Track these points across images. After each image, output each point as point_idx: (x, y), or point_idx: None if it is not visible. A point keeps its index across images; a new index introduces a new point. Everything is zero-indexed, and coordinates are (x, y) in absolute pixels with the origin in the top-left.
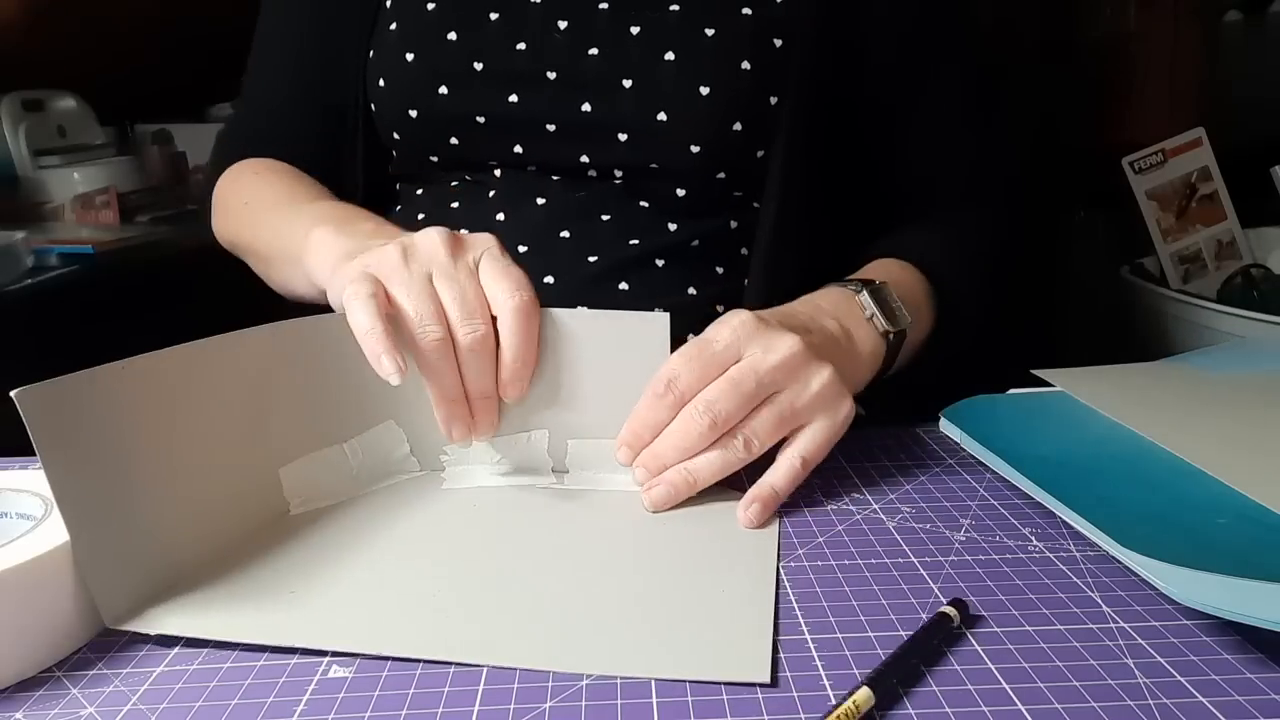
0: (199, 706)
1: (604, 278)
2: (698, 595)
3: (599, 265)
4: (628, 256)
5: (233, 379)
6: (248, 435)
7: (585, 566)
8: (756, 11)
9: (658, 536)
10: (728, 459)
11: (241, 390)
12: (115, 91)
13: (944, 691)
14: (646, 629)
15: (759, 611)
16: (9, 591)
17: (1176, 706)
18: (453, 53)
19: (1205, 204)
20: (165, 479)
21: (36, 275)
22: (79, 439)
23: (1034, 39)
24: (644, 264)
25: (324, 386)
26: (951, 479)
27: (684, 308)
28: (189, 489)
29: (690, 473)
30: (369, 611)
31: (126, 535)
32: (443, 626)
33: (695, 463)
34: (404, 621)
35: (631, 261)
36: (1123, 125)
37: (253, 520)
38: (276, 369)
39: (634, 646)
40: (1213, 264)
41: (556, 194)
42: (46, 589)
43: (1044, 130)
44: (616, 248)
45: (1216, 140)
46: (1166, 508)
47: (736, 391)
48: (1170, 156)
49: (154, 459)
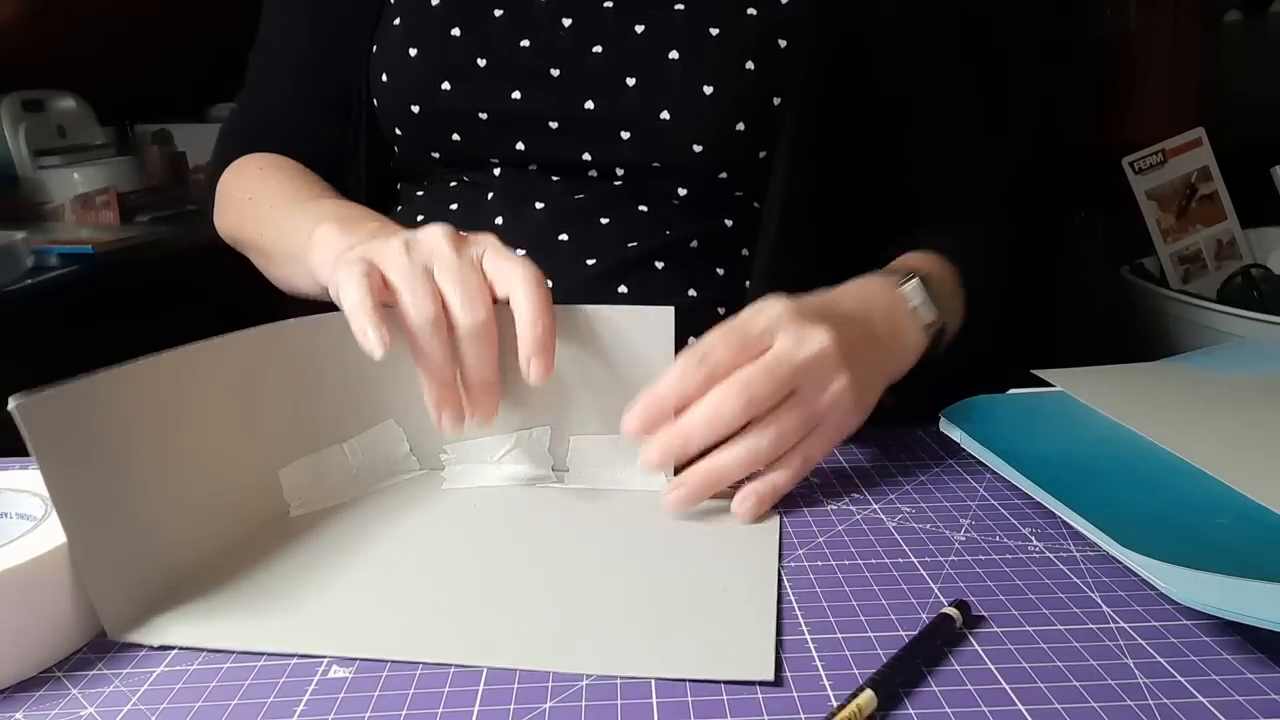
0: (199, 706)
1: (603, 280)
2: (699, 594)
3: (598, 267)
4: (627, 258)
5: (231, 381)
6: (247, 437)
7: (586, 566)
8: (762, 12)
9: (659, 535)
10: (755, 452)
11: (240, 392)
12: (115, 91)
13: (944, 691)
14: (648, 628)
15: (761, 609)
16: (9, 592)
17: (1176, 706)
18: (456, 49)
19: (1205, 204)
20: (165, 484)
21: (36, 275)
22: (77, 447)
23: (1034, 39)
24: (643, 265)
25: (323, 386)
26: (951, 479)
27: (684, 310)
28: (189, 493)
29: (714, 471)
30: (370, 615)
31: (127, 543)
32: (443, 628)
33: (719, 460)
34: (405, 624)
35: (630, 263)
36: (1123, 125)
37: (253, 523)
38: (275, 370)
39: (636, 646)
40: (1213, 264)
41: (555, 196)
42: (47, 589)
43: (1044, 130)
44: (615, 249)
45: (1216, 140)
46: (1166, 508)
47: (771, 377)
48: (1170, 156)
49: (153, 464)
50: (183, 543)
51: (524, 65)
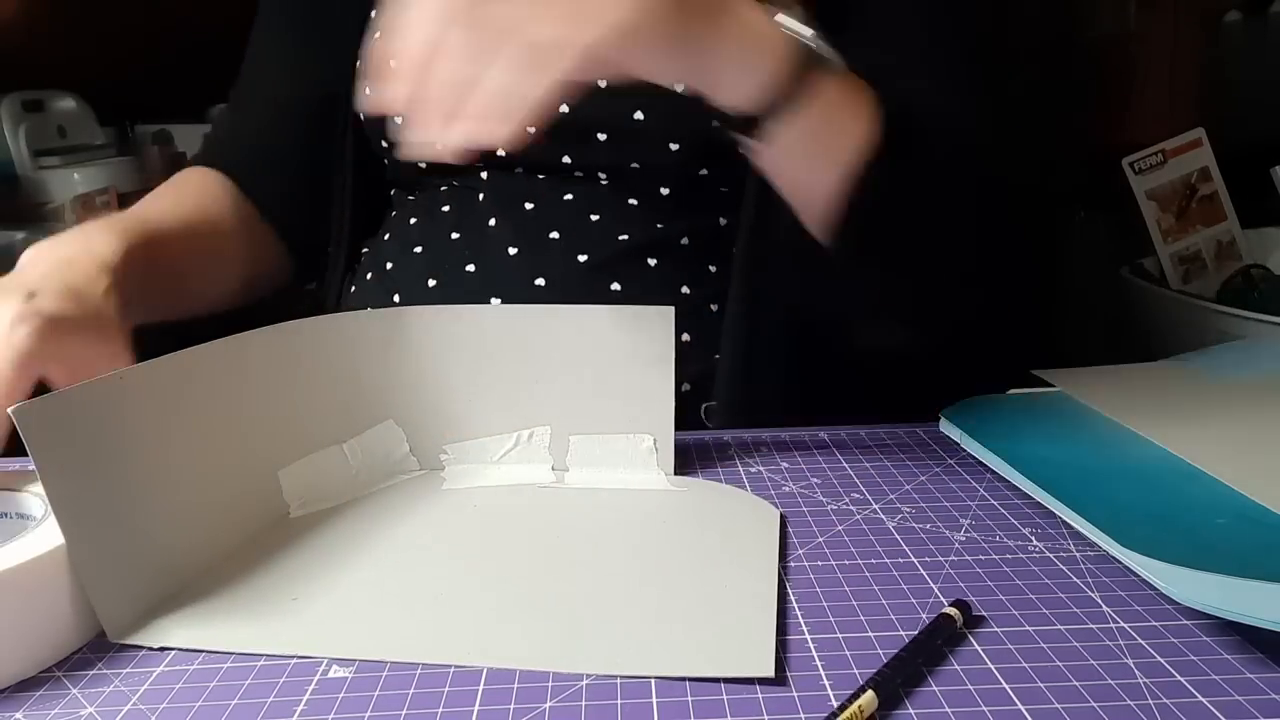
0: (199, 706)
1: (595, 277)
2: (700, 593)
3: (589, 263)
4: (617, 251)
5: (229, 383)
6: (246, 439)
7: (587, 566)
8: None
9: (659, 534)
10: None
11: (239, 394)
12: (115, 91)
13: (944, 691)
14: (650, 627)
15: (761, 606)
16: (9, 592)
17: (1176, 706)
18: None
19: (1205, 204)
20: (164, 487)
21: None
22: (76, 453)
23: (1034, 39)
24: (635, 261)
25: (323, 386)
26: (951, 479)
27: (680, 306)
28: (188, 496)
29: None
30: (371, 616)
31: (127, 547)
32: (444, 628)
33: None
34: (406, 625)
35: (621, 257)
36: (1123, 125)
37: (253, 525)
38: (274, 371)
39: (637, 645)
40: (1213, 264)
41: (544, 195)
42: (47, 589)
43: (1044, 130)
44: (607, 244)
45: (1216, 140)
46: (1166, 508)
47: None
48: (1170, 156)
49: (152, 468)
50: (183, 546)
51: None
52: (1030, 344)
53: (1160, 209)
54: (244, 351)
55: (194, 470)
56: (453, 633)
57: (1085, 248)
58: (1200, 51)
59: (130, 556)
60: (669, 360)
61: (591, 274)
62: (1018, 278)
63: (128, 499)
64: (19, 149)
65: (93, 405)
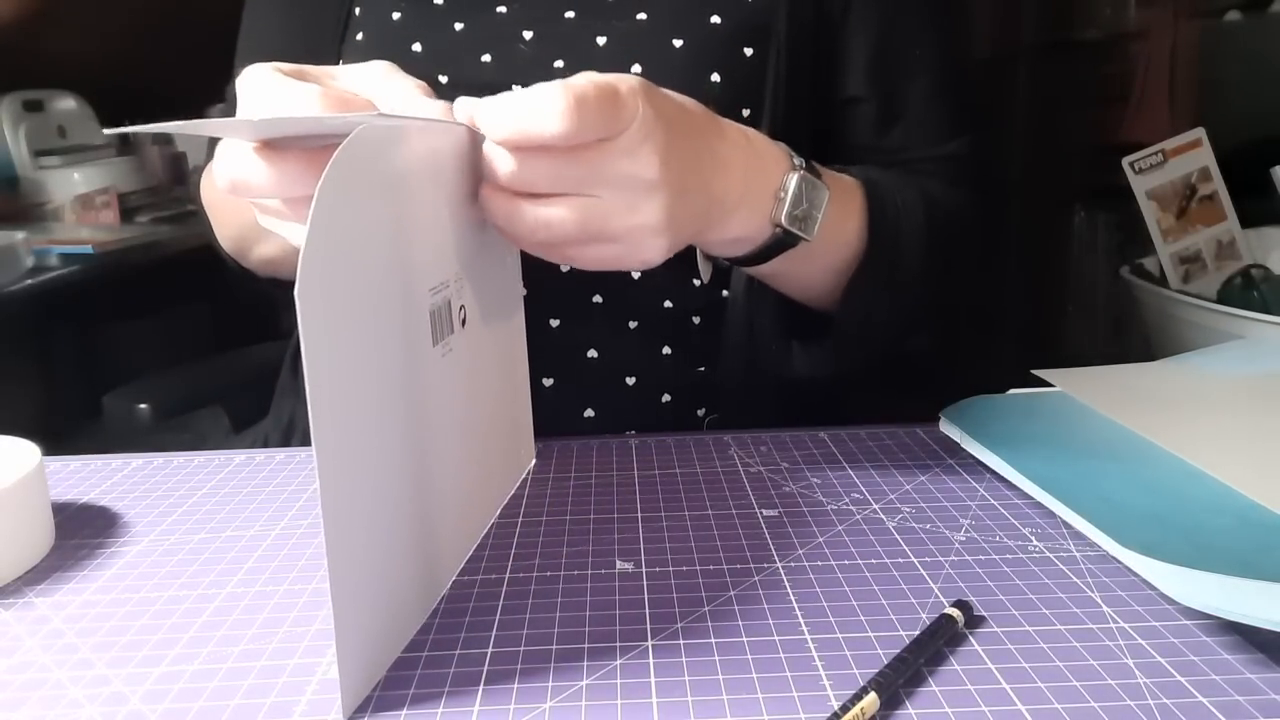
0: (199, 706)
1: (578, 288)
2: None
3: (572, 270)
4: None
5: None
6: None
7: None
8: (726, 20)
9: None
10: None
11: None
12: (115, 91)
13: (944, 691)
14: None
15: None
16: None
17: (1176, 706)
18: (418, 64)
19: (1205, 204)
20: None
21: (36, 275)
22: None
23: (1034, 39)
24: (618, 272)
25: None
26: (951, 479)
27: (660, 319)
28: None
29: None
30: None
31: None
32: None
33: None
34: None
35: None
36: (1123, 125)
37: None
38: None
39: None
40: (1213, 264)
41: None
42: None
43: (1044, 130)
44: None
45: (1216, 140)
46: (1166, 508)
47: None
48: (1170, 156)
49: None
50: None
51: (486, 80)
52: (1030, 344)
53: (1160, 209)
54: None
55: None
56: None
57: (1085, 248)
58: (1200, 51)
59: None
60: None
61: (573, 284)
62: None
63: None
64: (19, 149)
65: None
